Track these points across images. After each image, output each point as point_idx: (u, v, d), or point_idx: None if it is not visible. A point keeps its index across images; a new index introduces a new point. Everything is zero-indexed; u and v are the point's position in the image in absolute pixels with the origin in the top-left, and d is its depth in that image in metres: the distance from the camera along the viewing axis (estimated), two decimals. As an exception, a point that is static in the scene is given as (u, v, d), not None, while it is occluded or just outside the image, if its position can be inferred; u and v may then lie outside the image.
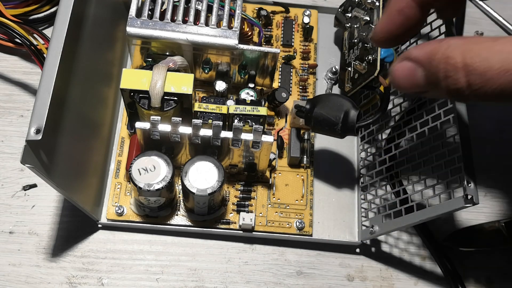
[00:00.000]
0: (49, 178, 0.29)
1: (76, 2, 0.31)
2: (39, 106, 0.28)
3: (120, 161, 0.39)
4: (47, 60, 0.29)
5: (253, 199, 0.39)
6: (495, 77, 0.22)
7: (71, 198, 0.32)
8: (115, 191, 0.38)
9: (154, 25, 0.36)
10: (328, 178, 0.40)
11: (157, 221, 0.37)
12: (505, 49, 0.22)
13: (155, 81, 0.34)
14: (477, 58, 0.22)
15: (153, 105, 0.34)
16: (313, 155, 0.41)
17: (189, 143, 0.35)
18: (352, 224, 0.39)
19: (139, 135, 0.35)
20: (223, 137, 0.34)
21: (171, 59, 0.36)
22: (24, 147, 0.27)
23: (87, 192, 0.36)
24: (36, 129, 0.27)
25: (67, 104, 0.31)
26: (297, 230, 0.38)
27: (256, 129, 0.34)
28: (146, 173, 0.34)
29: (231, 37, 0.37)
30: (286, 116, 0.42)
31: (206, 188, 0.34)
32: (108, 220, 0.37)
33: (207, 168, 0.34)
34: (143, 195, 0.34)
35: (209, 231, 0.38)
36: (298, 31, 0.45)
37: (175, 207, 0.38)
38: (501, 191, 0.42)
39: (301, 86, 0.43)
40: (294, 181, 0.40)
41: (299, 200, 0.39)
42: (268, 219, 0.38)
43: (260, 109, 0.36)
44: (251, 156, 0.37)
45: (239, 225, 0.38)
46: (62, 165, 0.31)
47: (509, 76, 0.22)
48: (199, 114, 0.36)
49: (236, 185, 0.39)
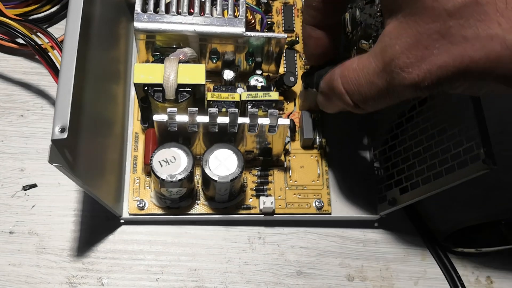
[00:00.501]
0: (75, 176, 0.29)
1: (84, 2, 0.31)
2: (60, 105, 0.28)
3: (136, 156, 0.39)
4: (63, 59, 0.30)
5: (270, 183, 0.39)
6: (367, 91, 0.27)
7: (96, 195, 0.33)
8: (135, 186, 0.38)
9: (161, 18, 0.36)
10: (342, 157, 0.41)
11: (178, 211, 0.38)
12: (365, 66, 0.27)
13: (168, 74, 0.34)
14: (350, 83, 0.28)
15: (168, 98, 0.35)
16: (325, 136, 0.41)
17: (203, 133, 0.36)
18: (369, 199, 0.40)
19: (156, 128, 0.35)
20: (240, 123, 0.35)
21: (181, 51, 0.36)
22: (50, 146, 0.27)
23: (107, 189, 0.36)
24: (61, 128, 0.28)
25: (83, 103, 0.32)
26: (316, 210, 0.39)
27: (271, 113, 0.34)
28: (167, 164, 0.34)
29: (238, 25, 0.37)
30: (295, 100, 0.42)
31: (228, 174, 0.34)
32: (130, 215, 0.38)
33: (226, 155, 0.35)
34: (166, 187, 0.34)
35: (231, 218, 0.39)
36: (298, 16, 0.46)
37: (195, 197, 0.38)
38: (501, 191, 0.43)
39: (306, 69, 0.44)
40: (309, 162, 0.40)
41: (316, 181, 0.40)
42: (287, 201, 0.39)
43: (272, 94, 0.37)
44: (265, 142, 0.37)
45: (260, 209, 0.38)
46: (84, 164, 0.32)
47: (375, 86, 0.27)
48: (212, 103, 0.37)
49: (252, 170, 0.40)
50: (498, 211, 0.42)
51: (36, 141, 0.41)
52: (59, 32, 0.44)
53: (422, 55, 0.24)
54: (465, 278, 0.39)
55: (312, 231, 0.40)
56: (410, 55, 0.24)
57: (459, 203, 0.42)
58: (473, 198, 0.42)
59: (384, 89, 0.26)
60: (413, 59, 0.24)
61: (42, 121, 0.42)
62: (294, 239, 0.40)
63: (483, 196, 0.42)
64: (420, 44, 0.24)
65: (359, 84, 0.28)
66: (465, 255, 0.40)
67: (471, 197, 0.42)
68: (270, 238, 0.40)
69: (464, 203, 0.42)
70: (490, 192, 0.42)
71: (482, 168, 0.30)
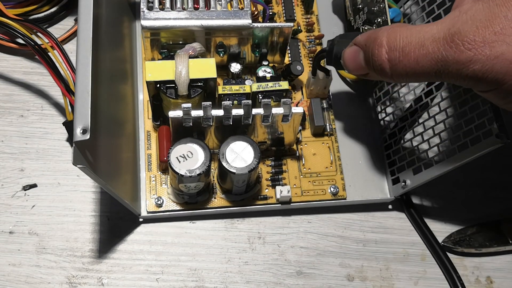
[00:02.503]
0: (98, 176, 0.29)
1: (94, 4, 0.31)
2: (80, 106, 0.28)
3: (150, 154, 0.39)
4: (78, 60, 0.29)
5: (285, 172, 0.40)
6: (412, 51, 0.26)
7: (117, 195, 0.33)
8: (151, 184, 0.38)
9: (168, 15, 0.37)
10: (353, 142, 0.42)
11: (196, 206, 0.38)
12: (424, 29, 0.26)
13: (180, 70, 0.34)
14: (398, 36, 0.26)
15: (181, 93, 0.35)
16: (335, 122, 0.42)
17: (215, 127, 0.36)
18: (382, 182, 0.41)
19: (171, 124, 0.35)
20: (254, 114, 0.35)
21: (190, 47, 0.36)
22: (73, 148, 0.27)
23: (125, 188, 0.36)
24: (83, 129, 0.28)
25: (98, 103, 0.32)
26: (332, 196, 0.39)
27: (285, 102, 0.35)
28: (185, 160, 0.34)
29: (244, 17, 0.37)
30: (302, 89, 0.43)
31: (245, 166, 0.35)
32: (149, 213, 0.38)
33: (242, 147, 0.35)
34: (185, 182, 0.35)
35: (250, 209, 0.39)
36: (298, 5, 0.46)
37: (211, 191, 0.39)
38: (501, 191, 0.43)
39: (311, 57, 0.44)
40: (321, 150, 0.41)
41: (329, 167, 0.40)
42: (303, 189, 0.39)
43: (282, 84, 0.37)
44: (277, 132, 0.38)
45: (277, 199, 0.39)
46: (104, 164, 0.32)
47: (423, 49, 0.25)
48: (223, 96, 0.37)
49: (266, 161, 0.40)
50: (498, 211, 0.42)
51: (36, 141, 0.41)
52: (59, 32, 0.44)
53: (491, 39, 0.24)
54: (465, 278, 0.39)
55: (312, 231, 0.40)
56: (478, 34, 0.24)
57: (459, 203, 0.42)
58: (473, 198, 0.43)
59: (432, 56, 0.25)
60: (479, 40, 0.24)
61: (42, 121, 0.42)
62: (294, 239, 0.40)
63: (483, 196, 0.43)
64: (492, 28, 0.24)
65: (408, 42, 0.26)
66: (465, 255, 0.41)
67: (471, 197, 0.43)
68: (270, 238, 0.40)
69: (464, 203, 0.42)
70: (490, 192, 0.43)
71: (496, 142, 0.31)
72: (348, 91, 0.44)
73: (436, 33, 0.25)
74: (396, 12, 0.38)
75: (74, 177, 0.40)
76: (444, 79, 0.26)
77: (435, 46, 0.25)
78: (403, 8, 0.41)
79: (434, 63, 0.25)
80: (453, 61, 0.25)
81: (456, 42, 0.24)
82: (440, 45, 0.25)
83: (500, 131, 0.31)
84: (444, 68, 0.25)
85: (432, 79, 0.27)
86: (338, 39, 0.35)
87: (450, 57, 0.25)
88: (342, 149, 0.41)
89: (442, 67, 0.25)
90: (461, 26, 0.24)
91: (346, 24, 0.45)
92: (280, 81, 0.38)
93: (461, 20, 0.25)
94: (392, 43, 0.27)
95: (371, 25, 0.39)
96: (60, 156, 0.40)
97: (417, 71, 0.26)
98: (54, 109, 0.42)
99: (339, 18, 0.47)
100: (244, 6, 0.38)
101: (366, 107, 0.43)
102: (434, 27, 0.26)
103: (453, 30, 0.25)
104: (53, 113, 0.42)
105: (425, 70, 0.26)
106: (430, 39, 0.25)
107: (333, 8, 0.47)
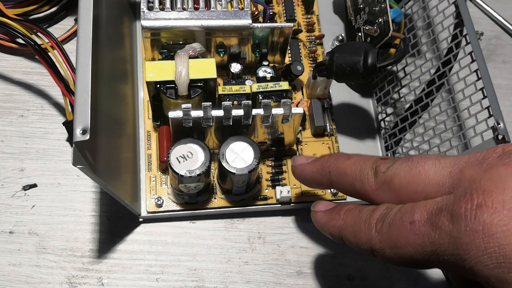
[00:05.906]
0: (98, 177, 0.29)
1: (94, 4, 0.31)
2: (79, 107, 0.28)
3: (150, 155, 0.39)
4: (78, 60, 0.29)
5: (285, 172, 0.40)
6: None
7: (117, 195, 0.33)
8: (151, 184, 0.38)
9: (168, 15, 0.36)
10: (353, 142, 0.42)
11: (196, 206, 0.38)
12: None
13: (180, 70, 0.34)
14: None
15: (181, 94, 0.35)
16: (335, 122, 0.42)
17: (215, 127, 0.36)
18: (382, 182, 0.41)
19: (171, 125, 0.35)
20: (254, 114, 0.35)
21: (190, 47, 0.36)
22: (73, 149, 0.27)
23: (125, 189, 0.36)
24: (82, 130, 0.28)
25: (98, 103, 0.32)
26: (332, 196, 0.39)
27: (285, 102, 0.35)
28: (185, 160, 0.34)
29: (244, 17, 0.37)
30: (302, 89, 0.43)
31: (245, 167, 0.35)
32: (149, 213, 0.38)
33: (242, 148, 0.35)
34: (184, 182, 0.35)
35: (249, 209, 0.39)
36: (298, 5, 0.46)
37: (211, 191, 0.39)
38: None
39: (311, 58, 0.44)
40: (321, 150, 0.41)
41: (329, 167, 0.40)
42: (303, 190, 0.39)
43: (282, 84, 0.37)
44: (277, 132, 0.38)
45: (277, 199, 0.39)
46: (104, 164, 0.32)
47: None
48: (224, 96, 0.37)
49: (266, 161, 0.40)
50: None
51: (36, 141, 0.41)
52: (59, 32, 0.44)
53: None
54: (465, 278, 0.40)
55: (312, 231, 0.40)
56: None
57: None
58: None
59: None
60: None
61: (42, 121, 0.42)
62: (294, 239, 0.40)
63: None
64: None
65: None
66: None
67: None
68: (270, 238, 0.39)
69: None
70: None
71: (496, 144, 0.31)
72: (348, 92, 0.44)
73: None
74: (397, 13, 0.38)
75: (74, 177, 0.40)
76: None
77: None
78: (404, 8, 0.41)
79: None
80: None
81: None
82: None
83: (500, 132, 0.31)
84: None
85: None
86: (337, 54, 0.35)
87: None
88: (342, 149, 0.41)
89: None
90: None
91: (346, 24, 0.45)
92: (280, 82, 0.38)
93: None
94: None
95: (372, 25, 0.39)
96: (60, 156, 0.40)
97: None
98: (54, 109, 0.42)
99: (339, 18, 0.47)
100: (245, 6, 0.38)
101: (367, 107, 0.43)
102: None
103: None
104: (53, 113, 0.42)
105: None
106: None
107: (334, 8, 0.47)
